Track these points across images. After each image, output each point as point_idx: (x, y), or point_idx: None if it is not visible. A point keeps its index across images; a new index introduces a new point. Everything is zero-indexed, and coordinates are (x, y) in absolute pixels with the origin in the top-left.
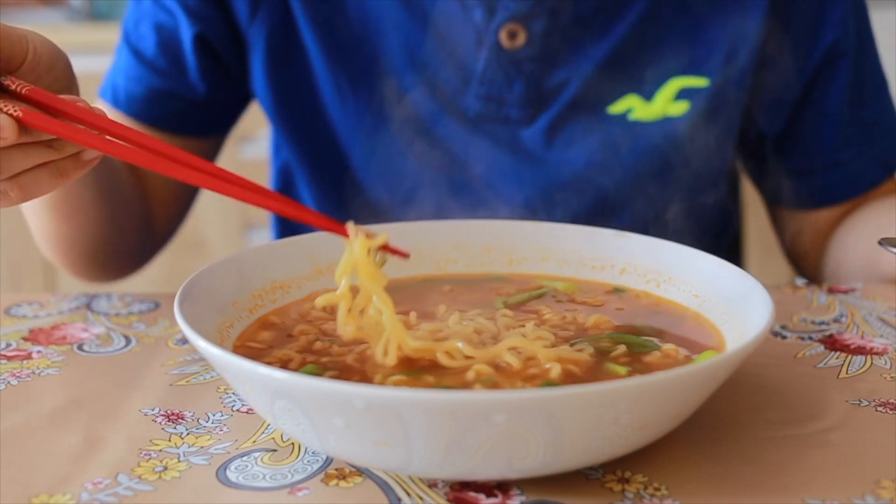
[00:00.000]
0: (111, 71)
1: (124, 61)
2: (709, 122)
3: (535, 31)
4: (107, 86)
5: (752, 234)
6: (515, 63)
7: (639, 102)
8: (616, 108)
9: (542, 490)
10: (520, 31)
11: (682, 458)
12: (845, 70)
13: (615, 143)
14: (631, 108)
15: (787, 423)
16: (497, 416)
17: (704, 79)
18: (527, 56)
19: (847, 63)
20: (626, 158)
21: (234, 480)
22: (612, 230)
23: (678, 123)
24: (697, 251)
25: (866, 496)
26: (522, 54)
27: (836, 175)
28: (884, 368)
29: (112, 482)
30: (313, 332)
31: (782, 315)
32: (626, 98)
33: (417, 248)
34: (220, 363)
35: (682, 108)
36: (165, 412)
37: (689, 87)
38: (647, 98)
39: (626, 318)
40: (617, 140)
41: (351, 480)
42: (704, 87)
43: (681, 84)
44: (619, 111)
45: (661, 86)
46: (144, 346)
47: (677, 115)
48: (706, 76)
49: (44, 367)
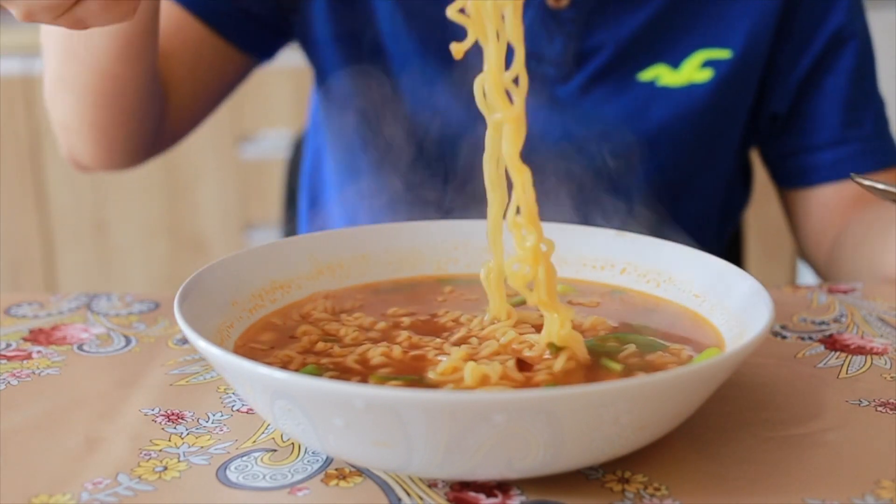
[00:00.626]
0: None
1: None
2: (730, 89)
3: None
4: None
5: (752, 234)
6: (558, 22)
7: (667, 71)
8: (645, 75)
9: (542, 490)
10: None
11: (682, 458)
12: (852, 53)
13: (643, 104)
14: (659, 76)
15: (787, 423)
16: (497, 416)
17: (727, 50)
18: (569, 17)
19: (853, 47)
20: (652, 116)
21: (234, 480)
22: (611, 230)
23: (702, 89)
24: (697, 251)
25: (866, 496)
26: (566, 15)
27: (842, 151)
28: (884, 368)
29: (112, 482)
30: (315, 334)
31: (782, 315)
32: (655, 67)
33: (417, 248)
34: (220, 363)
35: (707, 75)
36: (165, 412)
37: (714, 58)
38: (674, 67)
39: (625, 318)
40: (644, 105)
41: (351, 480)
42: (727, 58)
43: (706, 56)
44: (648, 78)
45: (688, 56)
46: (144, 346)
47: (702, 82)
48: (729, 47)
49: (44, 367)
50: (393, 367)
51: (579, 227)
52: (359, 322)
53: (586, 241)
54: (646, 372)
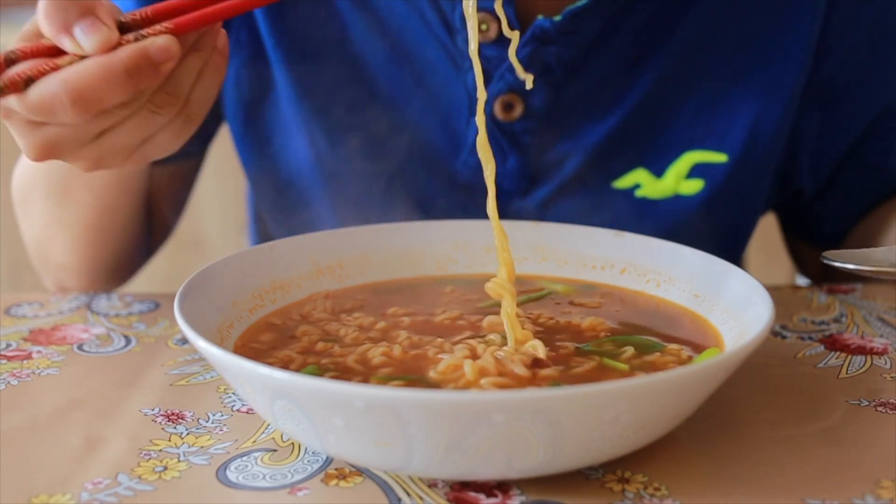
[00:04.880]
0: None
1: None
2: (727, 201)
3: (534, 105)
4: None
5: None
6: (510, 136)
7: (647, 178)
8: (622, 182)
9: (542, 490)
10: (517, 104)
11: (682, 458)
12: None
13: (618, 221)
14: (639, 184)
15: (787, 423)
16: (497, 416)
17: (723, 154)
18: (523, 129)
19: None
20: None
21: (234, 480)
22: (611, 230)
23: (691, 203)
24: (697, 251)
25: (866, 496)
26: (518, 127)
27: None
28: (884, 368)
29: (112, 482)
30: (316, 334)
31: (782, 315)
32: (633, 172)
33: (417, 248)
34: (220, 363)
35: (697, 186)
36: (165, 412)
37: (705, 162)
38: (657, 173)
39: (625, 319)
40: (621, 218)
41: (351, 480)
42: (723, 162)
43: (696, 159)
44: (625, 186)
45: (674, 160)
46: (144, 346)
47: (690, 195)
48: (725, 151)
49: (44, 367)
50: (393, 366)
51: (579, 228)
52: (359, 322)
53: (586, 241)
54: (646, 372)
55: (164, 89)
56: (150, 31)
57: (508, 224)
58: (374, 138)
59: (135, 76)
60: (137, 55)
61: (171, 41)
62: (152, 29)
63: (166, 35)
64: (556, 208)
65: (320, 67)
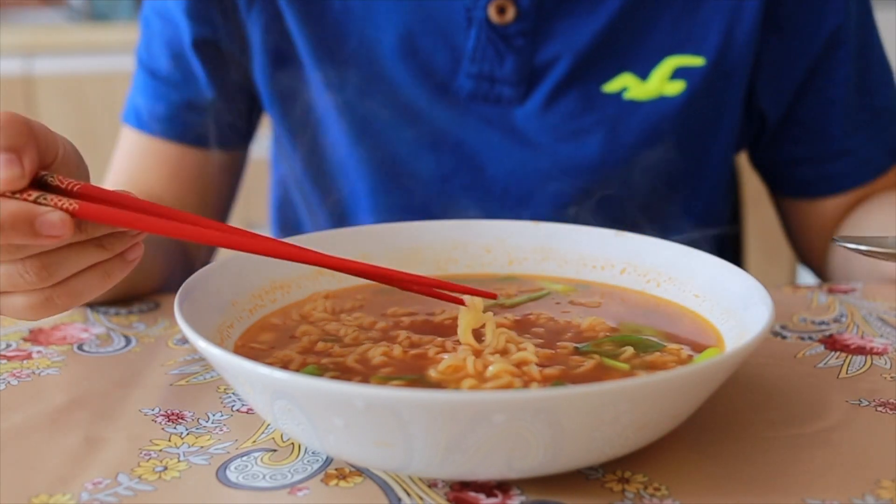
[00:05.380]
0: (131, 95)
1: (142, 82)
2: (707, 101)
3: (524, 5)
4: (129, 110)
5: (752, 234)
6: (505, 39)
7: (634, 81)
8: (610, 86)
9: (542, 490)
10: (508, 6)
11: (682, 458)
12: (849, 56)
13: (609, 122)
14: (626, 87)
15: (787, 423)
16: (497, 416)
17: (701, 58)
18: (517, 31)
19: (851, 49)
20: (622, 139)
21: (234, 480)
22: (611, 230)
23: (674, 103)
24: (697, 251)
25: (866, 496)
26: (512, 29)
27: (844, 162)
28: (884, 368)
29: (112, 482)
30: (316, 334)
31: (782, 315)
32: (620, 76)
33: (417, 248)
34: (220, 363)
35: (678, 87)
36: (165, 412)
37: (685, 65)
38: (642, 77)
39: (625, 318)
40: (611, 119)
41: (351, 480)
42: (701, 66)
43: (676, 63)
44: (613, 90)
45: (657, 64)
46: (144, 346)
47: (673, 95)
48: (702, 55)
49: (44, 367)
50: (393, 366)
51: (579, 227)
52: (359, 322)
53: (586, 241)
54: (646, 372)
55: (42, 259)
56: (56, 200)
57: (509, 224)
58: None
59: (8, 232)
60: (20, 214)
61: (63, 220)
62: (58, 199)
63: (61, 213)
64: (552, 112)
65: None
